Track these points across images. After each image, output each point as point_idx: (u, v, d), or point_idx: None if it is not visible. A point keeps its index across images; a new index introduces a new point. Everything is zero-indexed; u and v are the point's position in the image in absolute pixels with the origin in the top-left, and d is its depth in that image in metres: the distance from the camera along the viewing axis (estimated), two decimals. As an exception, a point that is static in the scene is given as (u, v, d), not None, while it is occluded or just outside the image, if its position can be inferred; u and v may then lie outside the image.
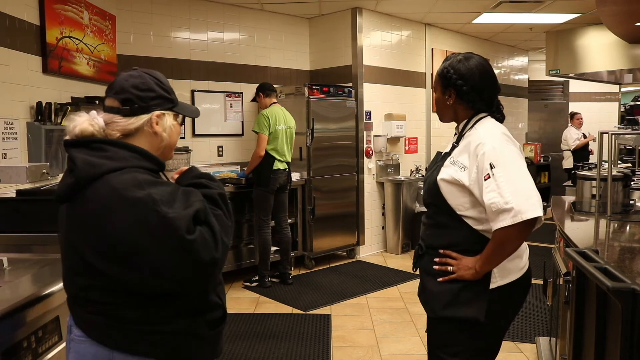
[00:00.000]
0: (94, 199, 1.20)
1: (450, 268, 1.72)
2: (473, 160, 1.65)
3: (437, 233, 1.78)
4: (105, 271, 1.22)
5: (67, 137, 1.30)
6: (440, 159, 1.82)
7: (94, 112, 1.32)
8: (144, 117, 1.33)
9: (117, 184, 1.19)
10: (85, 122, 1.28)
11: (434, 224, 1.81)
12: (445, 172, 1.72)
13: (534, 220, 1.57)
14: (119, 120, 1.31)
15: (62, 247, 1.32)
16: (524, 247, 1.80)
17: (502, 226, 1.57)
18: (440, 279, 1.73)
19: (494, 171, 1.59)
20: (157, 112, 1.35)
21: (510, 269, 1.72)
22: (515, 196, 1.55)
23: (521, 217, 1.54)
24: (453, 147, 1.78)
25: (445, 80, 1.78)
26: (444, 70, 1.78)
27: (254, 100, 4.99)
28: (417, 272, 1.88)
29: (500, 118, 1.80)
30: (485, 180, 1.60)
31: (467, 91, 1.74)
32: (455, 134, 1.87)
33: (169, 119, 1.39)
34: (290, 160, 4.80)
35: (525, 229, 1.58)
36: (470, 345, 1.73)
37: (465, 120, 1.79)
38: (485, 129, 1.72)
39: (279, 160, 4.63)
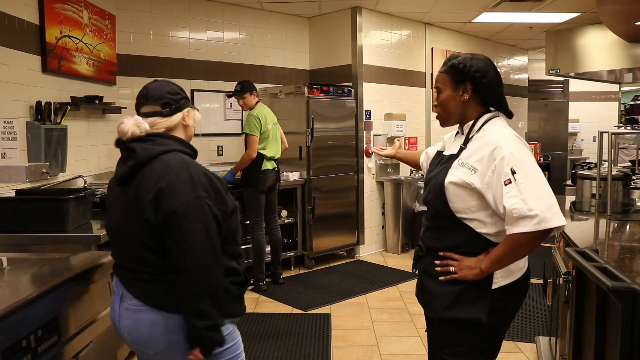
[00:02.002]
0: (152, 172, 1.54)
1: (452, 269, 1.71)
2: (488, 163, 1.62)
3: (438, 235, 1.77)
4: (160, 223, 1.51)
5: (119, 138, 1.62)
6: (446, 160, 1.78)
7: (139, 118, 1.64)
8: (179, 115, 1.70)
9: (168, 159, 1.56)
10: (134, 126, 1.60)
11: (434, 226, 1.80)
12: (454, 175, 1.69)
13: (551, 229, 1.56)
14: (162, 121, 1.67)
15: (115, 224, 1.65)
16: None
17: (521, 231, 1.55)
18: (441, 278, 1.73)
19: (516, 176, 1.56)
20: (186, 109, 1.72)
21: (512, 270, 1.71)
22: (538, 203, 1.54)
23: (545, 225, 1.54)
24: (460, 149, 1.74)
25: (460, 75, 1.72)
26: (458, 65, 1.72)
27: (231, 96, 4.78)
28: (417, 273, 1.88)
29: (509, 114, 1.79)
30: (505, 185, 1.58)
31: (486, 84, 1.71)
32: (457, 133, 1.86)
33: (193, 113, 1.75)
34: (279, 157, 4.73)
35: (542, 236, 1.57)
36: (472, 345, 1.73)
37: (471, 122, 1.75)
38: (498, 131, 1.69)
39: (268, 160, 4.58)
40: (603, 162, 3.08)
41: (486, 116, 1.75)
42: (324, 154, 5.40)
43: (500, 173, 1.60)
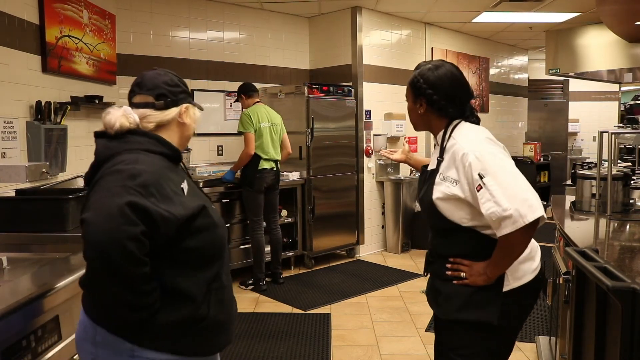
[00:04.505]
0: (102, 170, 1.33)
1: (462, 274, 1.71)
2: (462, 172, 1.64)
3: (446, 242, 1.78)
4: None
5: (101, 129, 1.41)
6: (429, 176, 1.79)
7: (128, 108, 1.42)
8: (175, 110, 1.48)
9: (119, 159, 1.33)
10: (122, 117, 1.39)
11: (439, 234, 1.81)
12: (439, 191, 1.70)
13: (536, 220, 1.56)
14: (154, 113, 1.45)
15: None
16: (536, 249, 1.79)
17: (505, 233, 1.56)
18: (455, 282, 1.73)
19: (485, 180, 1.57)
20: (185, 105, 1.50)
21: (524, 271, 1.71)
22: (511, 202, 1.54)
23: (522, 221, 1.53)
24: (439, 163, 1.75)
25: (416, 90, 1.78)
26: (414, 80, 1.79)
27: (236, 101, 4.87)
28: (421, 273, 1.88)
29: (475, 121, 1.80)
30: (478, 191, 1.58)
31: (437, 100, 1.74)
32: (435, 145, 1.86)
33: (192, 111, 1.53)
34: (279, 159, 4.72)
35: (528, 231, 1.57)
36: (483, 347, 1.73)
37: (442, 131, 1.77)
38: (464, 136, 1.71)
39: (265, 160, 4.57)
40: (603, 162, 3.08)
41: (454, 122, 1.77)
42: (324, 154, 5.40)
43: (471, 181, 1.61)
